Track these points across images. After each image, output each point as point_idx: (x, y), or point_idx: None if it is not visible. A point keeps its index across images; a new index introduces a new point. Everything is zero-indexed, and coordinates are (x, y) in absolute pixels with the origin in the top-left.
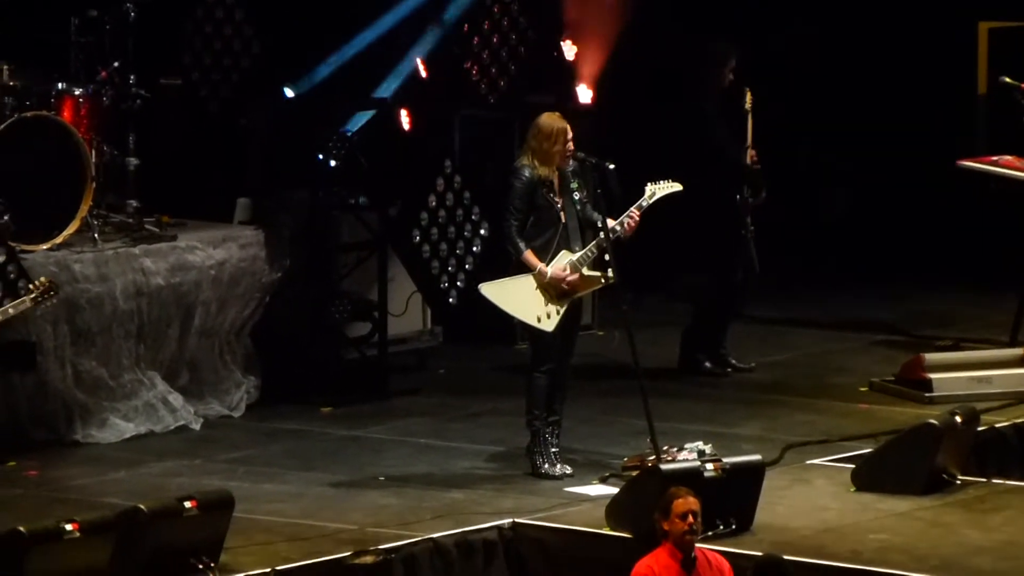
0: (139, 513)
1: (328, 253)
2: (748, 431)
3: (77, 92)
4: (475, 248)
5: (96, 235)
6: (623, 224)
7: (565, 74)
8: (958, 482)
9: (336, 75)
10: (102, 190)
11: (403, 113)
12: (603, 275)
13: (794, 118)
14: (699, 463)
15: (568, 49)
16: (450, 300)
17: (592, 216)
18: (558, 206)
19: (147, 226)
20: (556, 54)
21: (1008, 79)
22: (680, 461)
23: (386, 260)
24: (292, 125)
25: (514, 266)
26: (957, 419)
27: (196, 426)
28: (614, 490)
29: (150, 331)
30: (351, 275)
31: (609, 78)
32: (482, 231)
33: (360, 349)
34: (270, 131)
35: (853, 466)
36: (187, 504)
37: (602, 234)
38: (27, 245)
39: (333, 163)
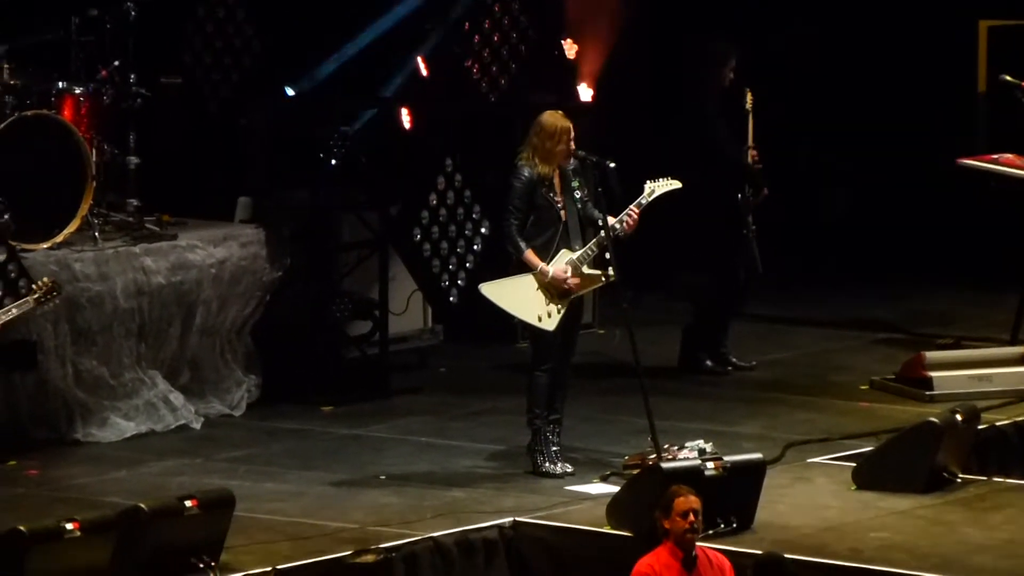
0: (140, 512)
1: (329, 252)
2: (749, 429)
3: (78, 91)
4: (476, 247)
5: (97, 234)
6: (622, 222)
7: (566, 73)
8: (959, 480)
9: (338, 73)
10: (103, 189)
11: (404, 112)
12: (603, 273)
13: (794, 118)
14: (700, 461)
15: (569, 48)
16: (451, 299)
17: (593, 215)
18: (558, 205)
19: (148, 225)
20: (557, 53)
21: (1008, 77)
22: (681, 460)
23: (387, 259)
24: (293, 124)
25: (515, 266)
26: (958, 417)
27: (197, 425)
28: (615, 489)
29: (151, 330)
30: (352, 274)
31: (610, 77)
32: (483, 230)
33: (361, 348)
34: (271, 130)
35: (854, 464)
36: (188, 503)
37: (602, 232)
38: (28, 244)
39: (334, 162)
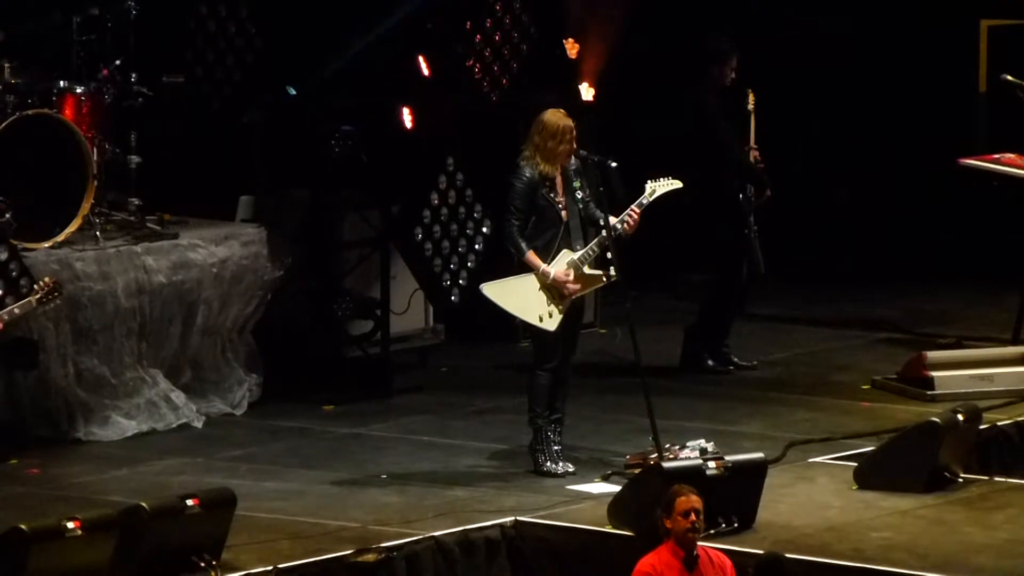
0: (141, 511)
1: (330, 251)
2: (750, 429)
3: (79, 90)
4: (477, 246)
5: (98, 233)
6: (623, 222)
7: (567, 72)
8: (960, 480)
9: (342, 71)
10: (104, 188)
11: (405, 111)
12: (605, 273)
13: (795, 117)
14: (701, 461)
15: (570, 47)
16: (452, 298)
17: (594, 214)
18: (559, 205)
19: (149, 224)
20: (558, 52)
21: (1010, 77)
22: (682, 459)
23: (388, 258)
24: (294, 123)
25: (517, 266)
26: (959, 417)
27: (198, 424)
28: (616, 488)
29: (152, 329)
30: (353, 273)
31: (611, 76)
32: (484, 229)
33: (362, 347)
34: (272, 129)
35: (855, 464)
36: (189, 502)
37: (604, 232)
38: (29, 243)
39: (335, 161)
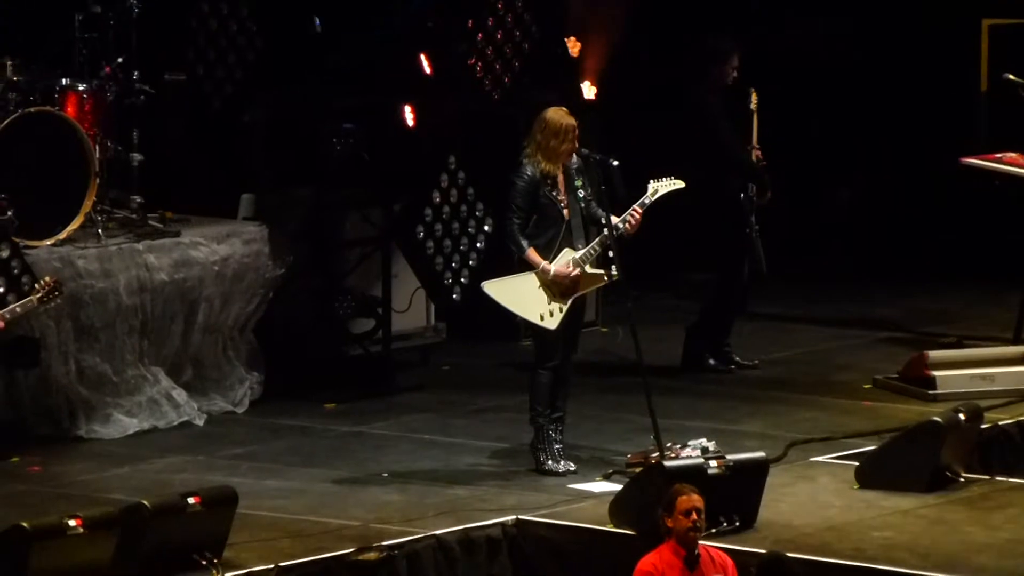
0: (142, 509)
1: (332, 249)
2: (751, 428)
3: (81, 88)
4: (479, 244)
5: (100, 231)
6: (625, 222)
7: (569, 71)
8: (962, 480)
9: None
10: (106, 186)
11: (407, 109)
12: (606, 272)
13: (796, 117)
14: (703, 460)
15: (572, 45)
16: (454, 296)
17: (596, 213)
18: (561, 204)
19: (151, 222)
20: (560, 51)
21: (1012, 76)
22: (684, 458)
23: (390, 256)
24: (296, 120)
25: (518, 264)
26: (961, 416)
27: (199, 422)
28: (618, 487)
29: (153, 327)
30: (355, 271)
31: (613, 75)
32: (486, 227)
33: (364, 345)
34: (274, 127)
35: (857, 463)
36: (190, 500)
37: (605, 231)
38: (31, 241)
39: (337, 159)
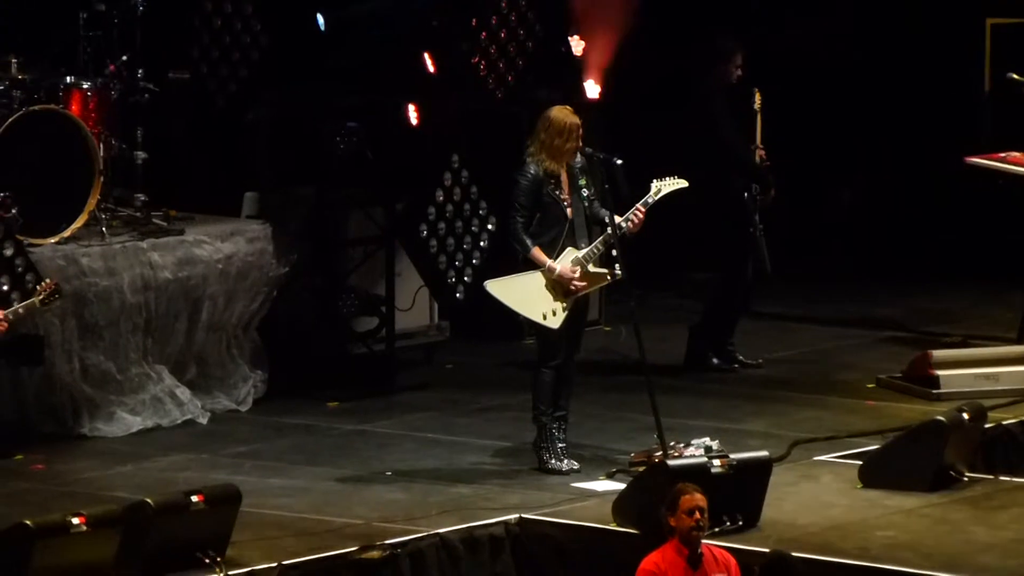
0: (146, 507)
1: (335, 248)
2: (755, 427)
3: (85, 86)
4: (482, 243)
5: (104, 229)
6: (628, 221)
7: (573, 69)
8: (965, 479)
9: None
10: (110, 184)
11: (410, 108)
12: (610, 272)
13: (798, 117)
14: (706, 459)
15: (576, 44)
16: (457, 295)
17: (599, 213)
18: (564, 203)
19: (155, 220)
20: (564, 49)
21: (1015, 75)
22: (687, 457)
23: (393, 255)
24: (300, 119)
25: (522, 263)
26: (964, 416)
27: (203, 420)
28: (621, 486)
29: (157, 325)
30: (358, 270)
31: (617, 73)
32: (489, 226)
33: (367, 344)
34: (277, 126)
35: (860, 463)
36: (194, 498)
37: (609, 230)
38: (35, 239)
39: (340, 158)
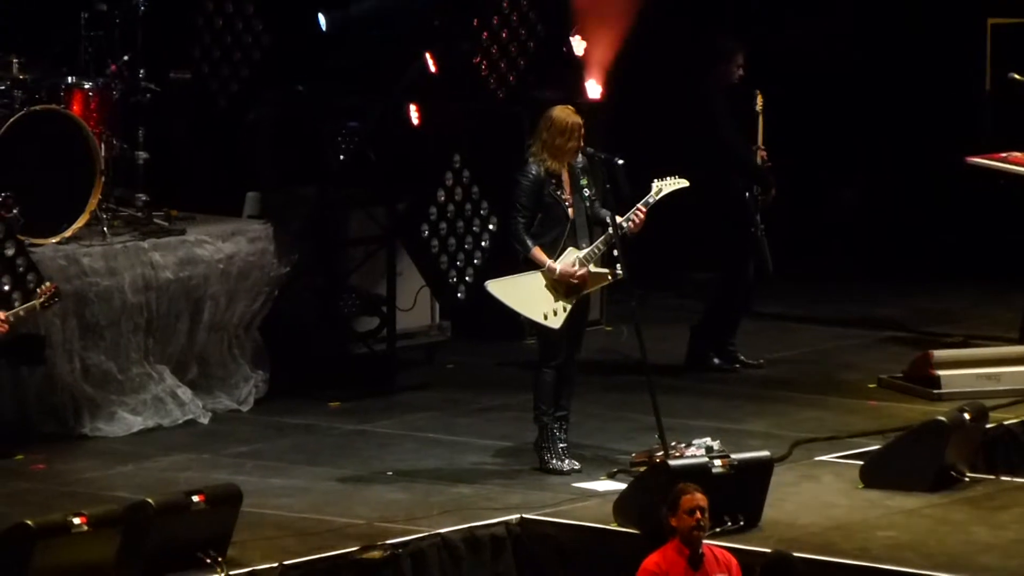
0: (147, 507)
1: (337, 247)
2: (756, 427)
3: (87, 86)
4: (484, 243)
5: (105, 229)
6: (629, 220)
7: (574, 69)
8: (967, 479)
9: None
10: (111, 184)
11: (412, 108)
12: (611, 271)
13: (799, 117)
14: (707, 459)
15: (577, 44)
16: (458, 295)
17: (600, 213)
18: (566, 203)
19: (156, 220)
20: (565, 49)
21: (1016, 75)
22: (688, 457)
23: (394, 254)
24: (301, 119)
25: (523, 263)
26: (966, 416)
27: (204, 420)
28: (622, 486)
29: (159, 325)
30: (359, 269)
31: (618, 73)
32: (491, 226)
33: (368, 344)
34: (279, 125)
35: (861, 463)
36: (195, 498)
37: (610, 230)
38: (36, 239)
39: (342, 157)
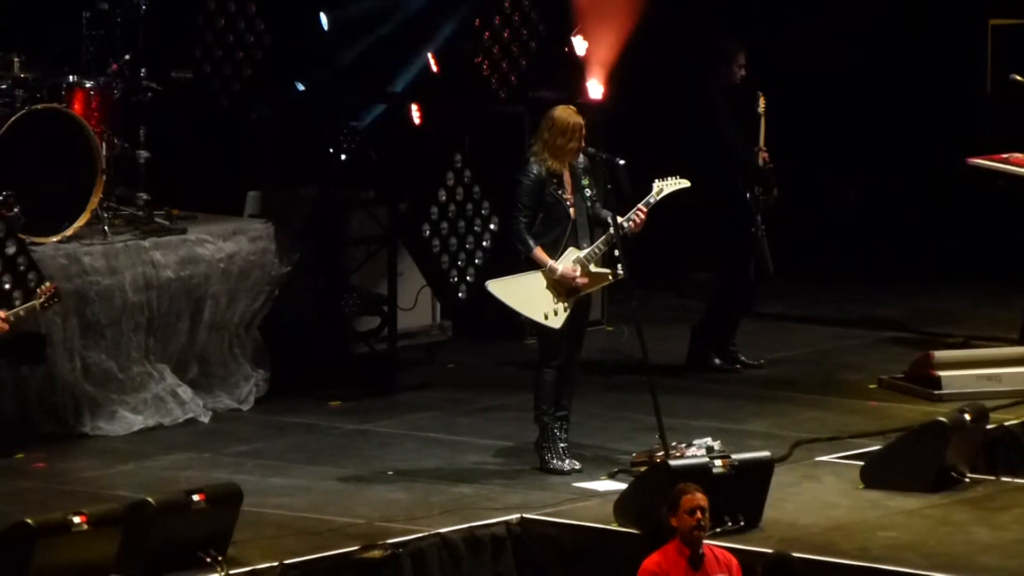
0: (147, 506)
1: (338, 247)
2: (757, 427)
3: (88, 85)
4: (485, 242)
5: (106, 228)
6: (630, 221)
7: (576, 69)
8: (967, 480)
9: (351, 67)
10: (112, 183)
11: (413, 107)
12: (612, 272)
13: (801, 117)
14: (708, 459)
15: (579, 44)
16: (459, 294)
17: (601, 213)
18: (567, 203)
19: (157, 219)
20: (567, 49)
21: (1017, 76)
22: (689, 457)
23: (395, 254)
24: (303, 119)
25: (524, 263)
26: (966, 417)
27: (205, 419)
28: (622, 486)
29: (159, 324)
30: (360, 269)
31: (620, 73)
32: (492, 225)
33: (369, 343)
34: (281, 125)
35: (862, 463)
36: (195, 497)
37: (611, 230)
38: (37, 237)
39: (343, 157)
